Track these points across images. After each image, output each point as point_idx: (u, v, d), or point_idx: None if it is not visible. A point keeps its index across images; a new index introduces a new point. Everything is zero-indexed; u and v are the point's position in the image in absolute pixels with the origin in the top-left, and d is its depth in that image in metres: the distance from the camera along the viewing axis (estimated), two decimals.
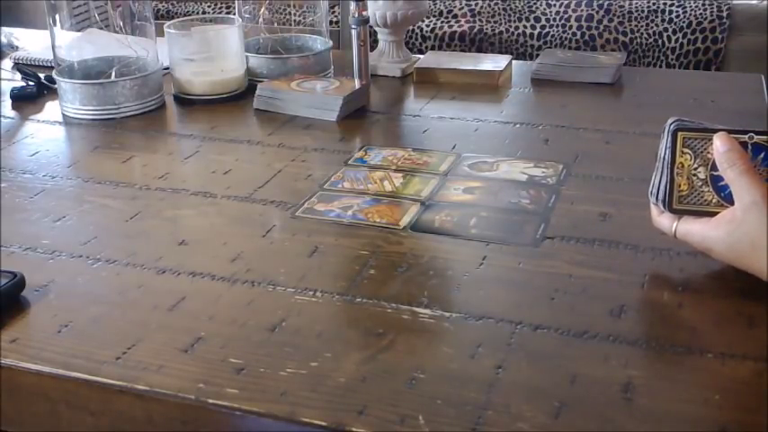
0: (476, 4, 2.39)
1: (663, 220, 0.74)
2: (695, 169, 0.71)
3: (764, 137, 0.69)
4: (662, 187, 0.72)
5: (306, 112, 1.15)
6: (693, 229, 0.71)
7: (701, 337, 0.65)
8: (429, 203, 0.87)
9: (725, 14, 2.18)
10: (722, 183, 0.70)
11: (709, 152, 0.70)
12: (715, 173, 0.70)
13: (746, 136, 0.69)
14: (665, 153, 0.72)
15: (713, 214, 0.70)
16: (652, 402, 0.57)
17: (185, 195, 0.91)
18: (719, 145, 0.69)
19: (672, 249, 0.76)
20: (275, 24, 1.36)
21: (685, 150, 0.71)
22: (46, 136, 1.11)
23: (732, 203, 0.69)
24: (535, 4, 2.36)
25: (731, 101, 1.18)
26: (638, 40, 2.24)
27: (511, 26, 2.33)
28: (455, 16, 2.39)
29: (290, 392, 0.58)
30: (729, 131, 0.70)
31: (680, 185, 0.71)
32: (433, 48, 2.32)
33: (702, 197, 0.71)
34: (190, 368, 0.61)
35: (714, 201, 0.71)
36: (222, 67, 1.22)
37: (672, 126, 0.71)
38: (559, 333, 0.65)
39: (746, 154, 0.69)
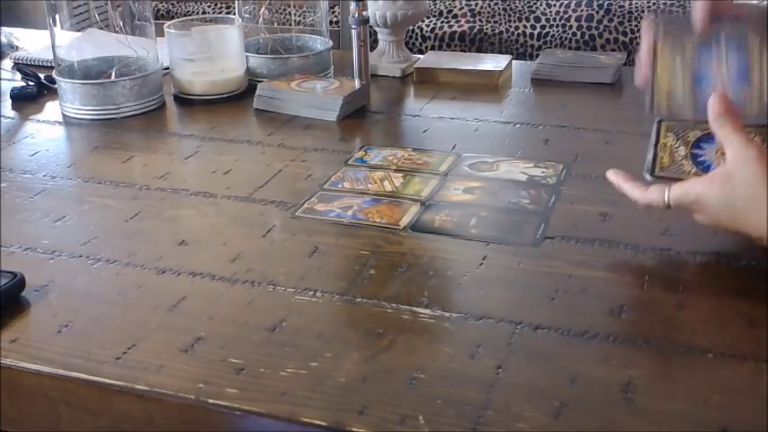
0: (476, 4, 2.39)
1: (653, 194, 0.74)
2: (677, 148, 0.77)
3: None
4: (648, 161, 0.78)
5: (306, 112, 1.15)
6: (686, 188, 0.73)
7: (701, 337, 0.65)
8: (429, 203, 0.87)
9: None
10: (701, 158, 0.76)
11: (689, 135, 0.77)
12: (694, 151, 0.76)
13: None
14: (652, 136, 0.79)
15: None
16: (652, 402, 0.57)
17: (185, 195, 0.91)
18: (716, 106, 0.72)
19: (672, 249, 0.76)
20: (275, 24, 1.36)
21: (668, 134, 0.78)
22: (46, 136, 1.11)
23: None
24: (535, 4, 2.36)
25: None
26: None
27: (511, 26, 2.33)
28: (455, 16, 2.39)
29: (290, 392, 0.58)
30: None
31: (662, 159, 0.78)
32: (433, 48, 2.32)
33: (682, 168, 0.77)
34: (190, 368, 0.61)
35: (693, 171, 0.76)
36: (222, 67, 1.22)
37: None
38: (559, 333, 0.65)
39: (739, 116, 0.72)
